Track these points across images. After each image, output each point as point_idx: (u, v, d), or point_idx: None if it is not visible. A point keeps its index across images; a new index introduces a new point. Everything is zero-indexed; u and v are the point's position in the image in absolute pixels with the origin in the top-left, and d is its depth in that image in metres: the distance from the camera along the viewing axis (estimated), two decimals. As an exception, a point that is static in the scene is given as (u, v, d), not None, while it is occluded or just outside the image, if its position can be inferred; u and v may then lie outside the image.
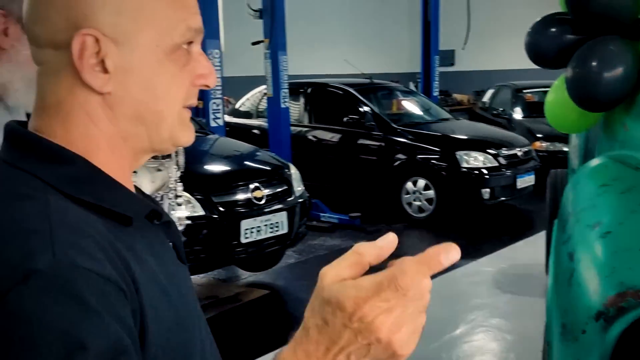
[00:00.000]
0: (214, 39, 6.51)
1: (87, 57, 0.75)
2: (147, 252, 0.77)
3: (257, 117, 8.66)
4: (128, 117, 0.79)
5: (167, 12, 0.78)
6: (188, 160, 4.74)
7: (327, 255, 6.13)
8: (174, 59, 0.79)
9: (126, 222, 0.76)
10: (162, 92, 0.79)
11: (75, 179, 0.74)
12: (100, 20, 0.75)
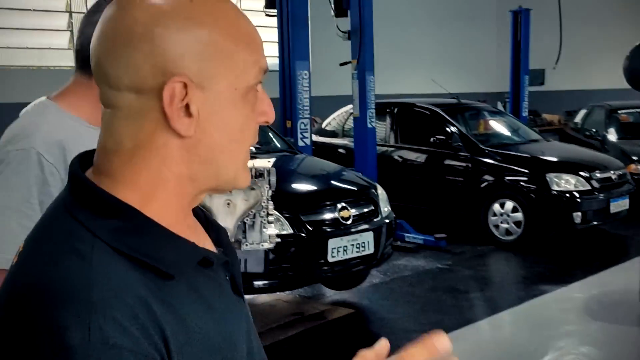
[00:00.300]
0: (303, 61, 6.66)
1: (176, 103, 0.76)
2: (193, 302, 0.78)
3: (342, 137, 8.75)
4: (202, 159, 0.80)
5: (244, 56, 0.80)
6: (278, 179, 4.88)
7: (411, 277, 6.11)
8: (248, 100, 0.82)
9: (169, 277, 0.77)
10: (236, 134, 0.82)
11: (124, 233, 0.76)
12: (186, 66, 0.76)
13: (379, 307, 5.42)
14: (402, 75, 12.18)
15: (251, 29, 0.83)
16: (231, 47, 0.79)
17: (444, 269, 6.38)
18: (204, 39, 0.77)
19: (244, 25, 0.82)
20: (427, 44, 13.22)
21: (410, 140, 8.13)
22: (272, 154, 5.50)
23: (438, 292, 5.66)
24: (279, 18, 6.62)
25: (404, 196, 7.68)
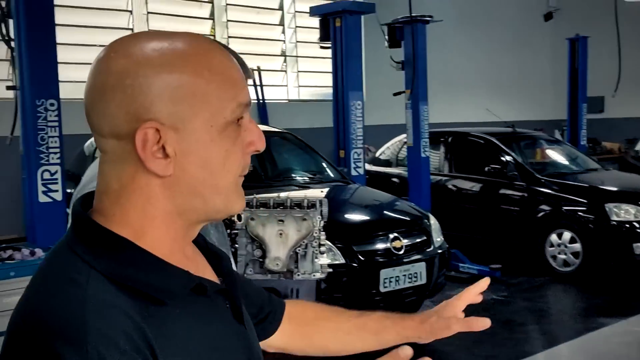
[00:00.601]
0: (357, 91, 6.75)
1: (150, 146, 0.82)
2: (185, 327, 0.83)
3: (396, 166, 8.76)
4: (185, 194, 0.85)
5: (218, 94, 0.84)
6: (331, 209, 4.93)
7: (465, 307, 6.03)
8: (227, 135, 0.85)
9: (160, 303, 0.81)
10: (217, 168, 0.86)
11: (117, 263, 0.81)
12: (158, 111, 0.81)
13: (432, 338, 5.36)
14: (456, 104, 12.13)
15: (225, 66, 0.87)
16: (202, 87, 0.83)
17: (499, 301, 6.28)
18: (173, 84, 0.82)
19: (217, 64, 0.86)
20: (481, 72, 13.15)
21: (464, 170, 8.08)
22: (325, 184, 5.58)
23: (493, 323, 5.53)
24: (333, 50, 6.74)
25: (458, 226, 7.61)
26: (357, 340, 1.31)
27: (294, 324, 1.29)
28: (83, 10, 8.74)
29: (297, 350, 1.33)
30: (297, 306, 1.33)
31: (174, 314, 0.83)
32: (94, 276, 0.80)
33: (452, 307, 1.29)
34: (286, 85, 10.86)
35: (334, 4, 6.89)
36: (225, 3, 10.07)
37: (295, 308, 1.32)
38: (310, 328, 1.31)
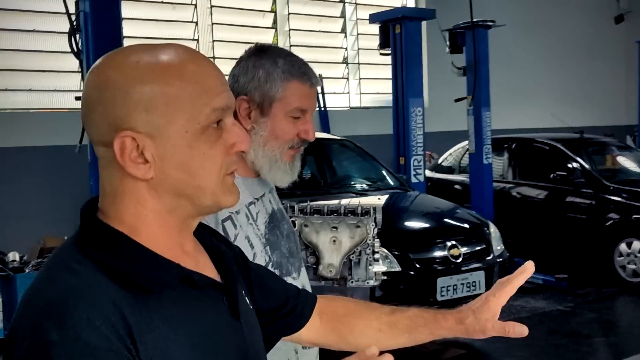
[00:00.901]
0: (417, 98, 6.71)
1: (128, 153, 0.89)
2: (172, 316, 0.89)
3: (459, 173, 8.64)
4: (171, 194, 0.92)
5: (190, 102, 0.90)
6: (388, 217, 4.91)
7: (529, 318, 5.89)
8: (204, 139, 0.91)
9: (150, 293, 0.88)
10: (196, 170, 0.92)
11: (111, 254, 0.89)
12: (133, 120, 0.89)
13: (493, 349, 5.25)
14: (520, 109, 11.88)
15: (198, 74, 0.92)
16: (175, 96, 0.89)
17: (565, 312, 6.10)
18: (147, 94, 0.89)
19: (190, 73, 0.91)
20: (547, 77, 12.82)
21: (528, 177, 7.90)
22: (384, 192, 5.56)
23: (558, 335, 5.43)
24: (393, 56, 6.72)
25: (523, 234, 7.45)
26: (389, 337, 1.29)
27: (325, 319, 1.31)
28: (151, 22, 9.01)
29: (328, 345, 1.34)
30: (329, 301, 1.34)
31: (163, 305, 0.89)
32: (89, 266, 0.88)
33: (490, 307, 1.21)
34: (348, 93, 10.89)
35: (393, 11, 6.88)
36: (288, 12, 10.19)
37: (327, 303, 1.33)
38: (341, 324, 1.31)
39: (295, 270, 1.70)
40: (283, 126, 1.60)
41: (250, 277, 1.19)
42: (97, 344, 0.82)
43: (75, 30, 4.81)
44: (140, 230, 0.93)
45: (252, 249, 1.59)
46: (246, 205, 1.62)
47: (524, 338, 4.27)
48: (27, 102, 7.87)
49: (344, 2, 10.81)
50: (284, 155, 1.60)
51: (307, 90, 1.58)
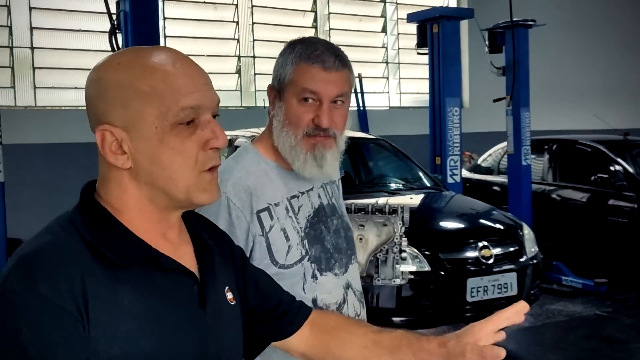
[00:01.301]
0: (454, 97, 6.66)
1: (108, 145, 1.01)
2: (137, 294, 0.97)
3: (498, 174, 8.53)
4: (148, 184, 1.02)
5: (159, 100, 0.98)
6: (420, 216, 4.90)
7: (565, 322, 5.79)
8: (174, 135, 0.99)
9: (115, 265, 0.97)
10: (167, 163, 1.00)
11: (92, 227, 0.99)
12: (112, 115, 1.00)
13: (526, 352, 5.18)
14: (561, 110, 11.66)
15: (169, 75, 1.00)
16: (146, 94, 0.98)
17: (602, 316, 5.98)
18: (123, 92, 0.99)
19: (162, 74, 1.00)
20: (590, 76, 12.53)
21: (569, 179, 7.75)
22: (418, 192, 5.54)
23: (593, 340, 5.32)
24: (430, 56, 6.69)
25: (562, 237, 7.32)
26: (373, 355, 1.31)
27: (315, 331, 1.34)
28: (193, 22, 9.15)
29: (315, 357, 1.36)
30: (322, 314, 1.39)
31: (128, 279, 0.98)
32: (71, 232, 0.99)
33: (474, 332, 1.22)
34: (387, 93, 10.86)
35: (431, 10, 6.84)
36: (328, 12, 10.22)
37: (319, 316, 1.36)
38: (329, 337, 1.34)
39: (340, 267, 1.70)
40: (295, 110, 1.62)
41: (245, 277, 1.24)
42: (50, 297, 0.90)
43: (115, 30, 4.92)
44: (123, 212, 1.03)
45: (287, 240, 1.62)
46: (288, 198, 1.65)
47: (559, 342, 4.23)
48: (75, 99, 8.09)
49: (385, 2, 10.80)
50: (302, 143, 1.61)
51: (317, 72, 1.59)
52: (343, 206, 1.82)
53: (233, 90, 9.58)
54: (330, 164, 1.65)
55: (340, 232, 1.74)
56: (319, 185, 1.74)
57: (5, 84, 7.84)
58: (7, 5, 7.87)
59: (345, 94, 1.64)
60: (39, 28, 8.10)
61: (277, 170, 1.68)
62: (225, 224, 1.59)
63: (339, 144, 1.65)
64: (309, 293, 1.64)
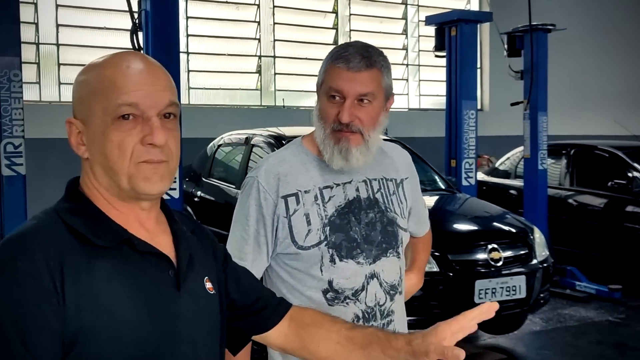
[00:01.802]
0: (470, 100, 6.68)
1: (74, 136, 1.14)
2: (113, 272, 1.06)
3: (515, 177, 8.53)
4: (100, 173, 1.13)
5: (105, 96, 1.10)
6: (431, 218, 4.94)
7: (576, 327, 5.79)
8: (114, 128, 1.09)
9: (93, 245, 1.06)
10: (108, 154, 1.10)
11: (72, 212, 1.10)
12: (76, 110, 1.15)
13: (535, 355, 5.21)
14: (581, 115, 11.60)
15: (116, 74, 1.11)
16: (95, 91, 1.11)
17: (614, 323, 5.97)
18: (80, 91, 1.14)
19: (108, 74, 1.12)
20: (610, 82, 12.44)
21: (586, 184, 7.73)
22: (430, 193, 5.58)
23: (603, 346, 5.32)
24: (448, 59, 6.72)
25: (577, 242, 7.30)
26: (345, 350, 1.37)
27: (293, 326, 1.40)
28: (215, 21, 9.28)
29: (292, 351, 1.43)
30: (301, 310, 1.44)
31: (106, 259, 1.07)
32: (54, 217, 1.10)
33: (438, 332, 1.27)
34: (407, 94, 10.90)
35: (449, 13, 6.87)
36: (349, 13, 10.29)
37: (298, 312, 1.43)
38: (305, 332, 1.40)
39: (367, 257, 1.78)
40: (324, 107, 1.76)
41: (226, 272, 1.32)
42: (27, 271, 1.00)
43: (137, 28, 5.02)
44: (96, 199, 1.14)
45: (308, 225, 1.75)
46: (320, 188, 1.78)
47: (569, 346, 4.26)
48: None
49: (406, 4, 10.83)
50: (330, 136, 1.74)
51: (342, 72, 1.71)
52: (396, 204, 1.88)
53: (253, 90, 9.69)
54: (357, 157, 1.75)
55: (377, 225, 1.82)
56: (361, 180, 1.83)
57: (31, 79, 8.02)
58: (35, 3, 8.06)
59: (371, 93, 1.73)
60: (65, 25, 8.28)
61: (317, 162, 1.81)
62: (255, 202, 1.79)
63: (368, 140, 1.75)
64: (325, 275, 1.75)
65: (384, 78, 1.76)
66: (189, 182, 6.53)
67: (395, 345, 1.31)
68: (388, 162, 1.93)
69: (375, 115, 1.76)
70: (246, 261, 1.76)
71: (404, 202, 1.92)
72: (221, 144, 6.55)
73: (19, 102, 4.95)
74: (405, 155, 2.01)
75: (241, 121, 7.95)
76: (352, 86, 1.71)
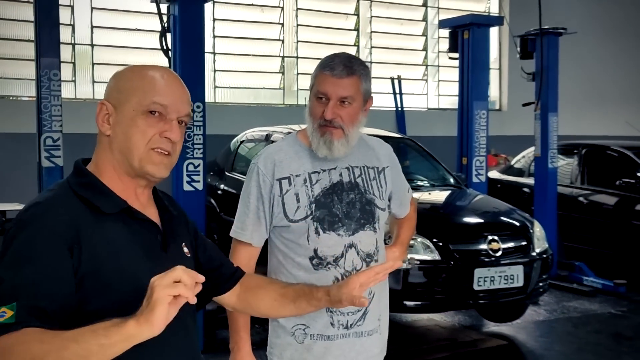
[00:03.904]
0: (481, 101, 6.97)
1: (102, 115, 1.44)
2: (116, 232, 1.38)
3: (528, 176, 8.76)
4: (117, 150, 1.44)
5: (142, 93, 1.41)
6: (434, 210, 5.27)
7: (578, 318, 6.06)
8: (142, 119, 1.41)
9: (101, 212, 1.38)
10: (130, 137, 1.42)
11: (82, 185, 1.42)
12: (111, 95, 1.45)
13: (534, 342, 5.50)
14: (592, 116, 11.76)
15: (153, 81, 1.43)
16: (134, 87, 1.42)
17: (616, 315, 6.22)
18: (123, 85, 1.46)
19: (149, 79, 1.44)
20: (622, 83, 12.54)
21: (596, 183, 7.95)
22: (439, 189, 5.90)
23: (601, 335, 5.59)
24: (460, 61, 7.01)
25: (586, 239, 7.54)
26: (280, 306, 1.74)
27: (242, 290, 1.75)
28: (241, 23, 9.67)
29: (241, 310, 1.79)
30: (248, 277, 1.79)
31: (111, 223, 1.40)
32: (66, 189, 1.42)
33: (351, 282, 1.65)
34: (426, 94, 11.18)
35: (462, 17, 7.16)
36: (370, 15, 10.61)
37: (246, 278, 1.77)
38: (250, 293, 1.75)
39: (346, 230, 2.13)
40: (313, 106, 2.15)
41: (197, 242, 1.67)
42: (52, 226, 1.32)
43: (165, 31, 5.37)
44: (104, 172, 1.46)
45: (297, 202, 2.13)
46: (309, 172, 2.17)
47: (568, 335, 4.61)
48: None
49: (426, 7, 11.11)
50: (317, 130, 2.12)
51: (327, 78, 2.09)
52: (375, 187, 2.23)
53: (276, 89, 10.07)
54: (338, 148, 2.12)
55: (356, 204, 2.17)
56: (344, 167, 2.19)
57: (67, 77, 8.48)
58: (71, 6, 8.53)
59: (351, 96, 2.10)
60: (99, 27, 8.74)
61: (308, 152, 2.17)
62: (255, 184, 2.16)
63: (347, 134, 2.12)
64: (311, 244, 2.12)
65: (362, 84, 2.13)
66: (213, 176, 6.91)
67: (316, 296, 1.69)
68: (371, 153, 2.28)
69: (354, 114, 2.12)
70: (246, 231, 2.15)
71: (384, 186, 2.26)
72: (243, 140, 6.92)
73: (57, 99, 5.38)
74: (387, 148, 2.36)
75: (264, 119, 8.31)
76: (335, 90, 2.08)
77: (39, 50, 5.31)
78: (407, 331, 5.56)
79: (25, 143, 6.80)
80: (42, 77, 5.27)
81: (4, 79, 8.27)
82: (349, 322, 2.13)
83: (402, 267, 4.02)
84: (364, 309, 2.15)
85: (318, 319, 2.11)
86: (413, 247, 4.52)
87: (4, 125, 7.84)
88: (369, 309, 2.17)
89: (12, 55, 8.23)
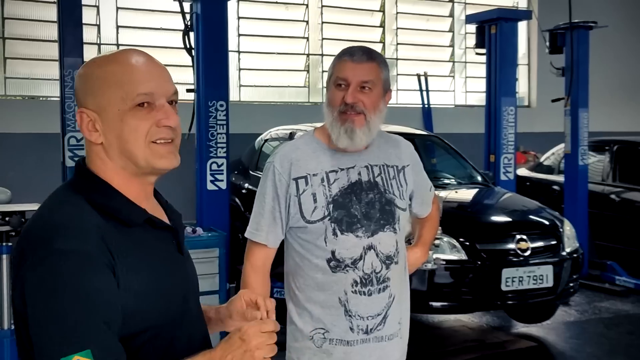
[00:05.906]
0: (509, 97, 6.84)
1: (85, 124, 1.30)
2: (140, 244, 1.28)
3: (558, 173, 8.59)
4: (117, 155, 1.30)
5: (120, 89, 1.27)
6: (461, 209, 5.16)
7: (610, 319, 5.91)
8: (132, 116, 1.28)
9: (124, 224, 1.27)
10: (127, 137, 1.28)
11: (97, 195, 1.28)
12: (87, 101, 1.30)
13: (564, 344, 5.37)
14: (624, 111, 11.49)
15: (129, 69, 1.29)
16: (111, 84, 1.28)
17: (648, 315, 6.06)
18: (95, 84, 1.31)
19: (120, 70, 1.29)
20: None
21: (628, 180, 7.75)
22: (466, 187, 5.79)
23: (633, 336, 5.44)
24: (488, 56, 6.89)
25: (618, 237, 7.35)
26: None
27: None
28: (265, 21, 9.63)
29: None
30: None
31: (135, 236, 1.29)
32: (83, 201, 1.28)
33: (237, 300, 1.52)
34: (453, 91, 11.03)
35: (489, 12, 7.03)
36: (396, 11, 10.49)
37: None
38: None
39: (365, 231, 2.06)
40: (332, 94, 2.07)
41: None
42: (95, 253, 1.20)
43: (188, 30, 5.36)
44: (111, 180, 1.32)
45: (314, 202, 2.06)
46: (327, 172, 2.09)
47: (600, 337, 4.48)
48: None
49: (453, 2, 10.96)
50: (338, 118, 2.05)
51: (347, 63, 2.04)
52: (395, 186, 2.15)
53: (301, 87, 10.01)
54: (360, 137, 2.05)
55: (376, 204, 2.09)
56: (363, 165, 2.11)
57: (92, 77, 8.53)
58: (97, 6, 8.57)
59: (371, 81, 2.04)
60: (124, 26, 8.77)
61: (326, 150, 2.10)
62: (271, 183, 2.10)
63: (369, 122, 2.04)
64: (329, 246, 2.04)
65: (382, 72, 2.07)
66: (238, 174, 6.88)
67: (209, 316, 1.56)
68: (391, 151, 2.20)
69: (375, 101, 2.05)
70: (262, 232, 2.08)
71: (404, 185, 2.18)
72: (267, 139, 6.88)
73: (81, 99, 5.37)
74: (408, 146, 2.28)
75: (289, 117, 8.24)
76: (355, 74, 2.02)
77: (63, 50, 5.32)
78: (433, 332, 5.47)
79: (52, 143, 6.84)
80: (66, 77, 5.28)
81: (32, 80, 8.35)
82: (368, 326, 2.06)
83: (426, 267, 3.92)
84: (384, 313, 2.07)
85: (337, 323, 2.05)
86: (439, 246, 4.42)
87: (33, 126, 7.91)
88: (389, 313, 2.09)
89: (40, 56, 8.30)
